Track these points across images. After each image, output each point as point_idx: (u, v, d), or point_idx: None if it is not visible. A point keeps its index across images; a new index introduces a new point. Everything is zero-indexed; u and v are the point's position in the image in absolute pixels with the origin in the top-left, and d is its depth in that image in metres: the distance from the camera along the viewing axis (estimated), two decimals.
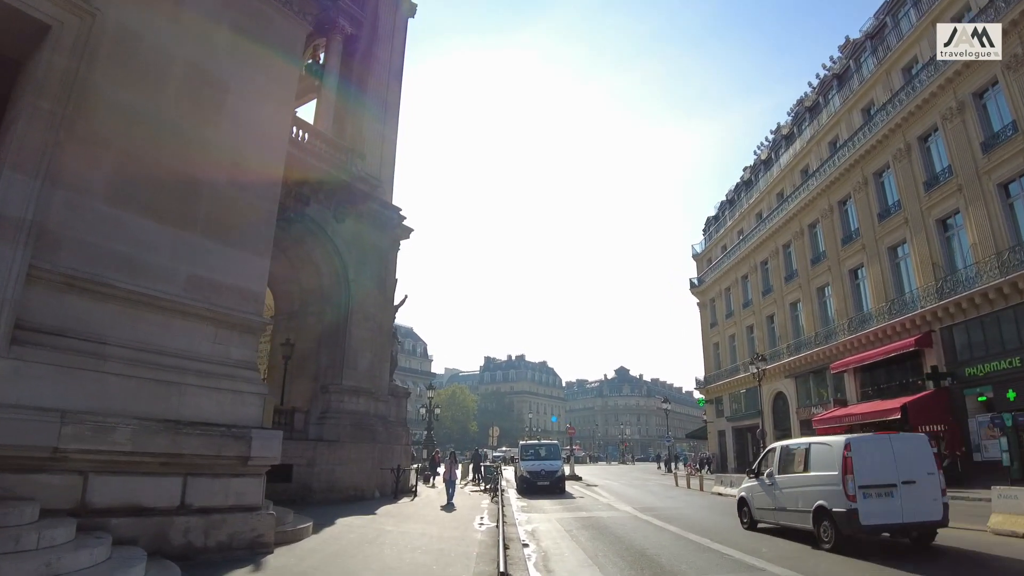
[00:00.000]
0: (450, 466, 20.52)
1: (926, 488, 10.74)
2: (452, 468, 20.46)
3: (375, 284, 21.24)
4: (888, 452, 11.05)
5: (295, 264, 20.58)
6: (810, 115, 41.23)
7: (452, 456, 21.58)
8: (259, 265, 10.14)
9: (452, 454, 22.10)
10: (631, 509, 18.26)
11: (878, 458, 10.96)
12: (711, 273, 53.22)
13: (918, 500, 10.58)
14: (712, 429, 52.31)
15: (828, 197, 36.26)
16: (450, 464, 20.62)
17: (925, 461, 11.15)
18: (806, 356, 36.94)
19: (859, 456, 10.83)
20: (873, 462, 10.86)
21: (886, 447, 11.22)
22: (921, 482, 10.76)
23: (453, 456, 21.69)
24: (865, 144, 32.39)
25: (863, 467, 10.70)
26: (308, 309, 20.75)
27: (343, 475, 18.57)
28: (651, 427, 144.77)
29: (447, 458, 21.55)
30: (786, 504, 12.61)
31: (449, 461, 20.81)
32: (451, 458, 21.19)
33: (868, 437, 12.24)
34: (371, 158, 21.70)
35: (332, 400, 19.40)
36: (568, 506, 19.47)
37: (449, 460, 20.94)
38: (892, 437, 11.97)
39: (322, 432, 18.77)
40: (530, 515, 16.65)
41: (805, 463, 12.35)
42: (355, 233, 20.65)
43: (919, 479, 10.77)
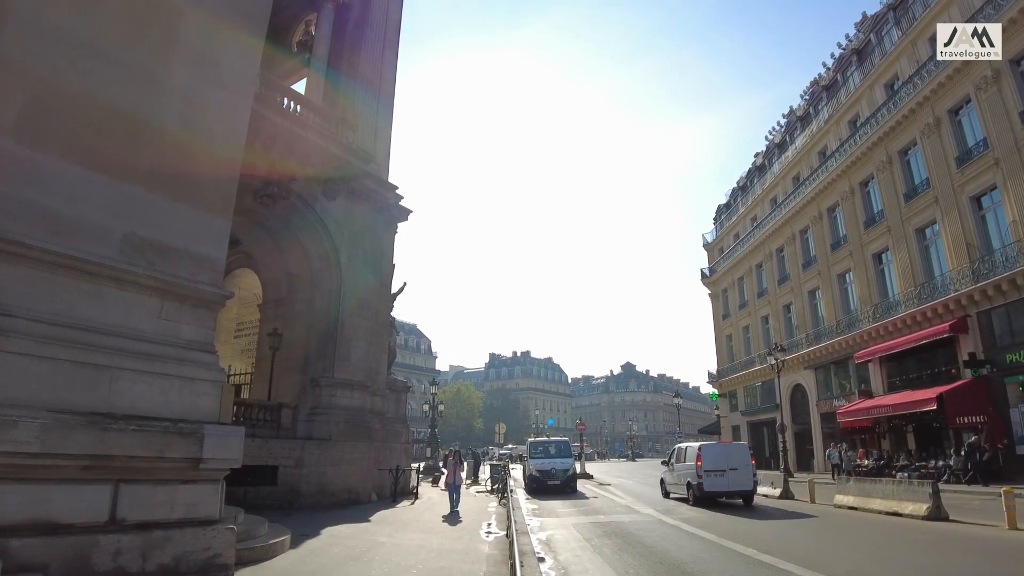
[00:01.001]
0: (454, 468, 17.27)
1: (744, 472, 18.02)
2: (456, 470, 17.22)
3: (370, 269, 19.50)
4: (722, 452, 19.03)
5: (282, 246, 18.89)
6: (827, 94, 39.34)
7: (456, 455, 18.55)
8: (218, 226, 8.37)
9: (456, 452, 19.35)
10: (653, 512, 16.52)
11: (716, 455, 18.48)
12: (723, 263, 51.41)
13: (739, 479, 17.86)
14: (725, 424, 50.54)
15: (849, 178, 34.49)
16: (454, 465, 17.43)
17: (745, 458, 18.67)
18: (827, 346, 35.20)
19: (705, 454, 18.31)
20: (713, 457, 18.28)
21: (721, 449, 19.67)
22: (741, 469, 18.05)
23: (457, 455, 18.64)
24: (889, 120, 30.57)
25: (707, 460, 18.06)
26: (297, 296, 19.02)
27: (335, 477, 16.88)
28: (658, 423, 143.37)
29: (450, 458, 18.39)
30: (678, 481, 19.98)
31: (453, 462, 17.70)
32: (455, 458, 18.23)
33: (712, 444, 21.80)
34: (364, 132, 19.98)
35: (323, 394, 17.68)
36: (583, 508, 17.72)
37: (453, 461, 17.87)
38: (726, 445, 23.19)
39: (312, 430, 17.09)
40: (542, 520, 14.90)
41: (683, 458, 19.79)
42: (347, 212, 18.94)
43: (740, 467, 18.09)
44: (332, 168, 18.13)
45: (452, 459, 18.06)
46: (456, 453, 18.45)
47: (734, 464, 18.07)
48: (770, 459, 43.47)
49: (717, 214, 55.94)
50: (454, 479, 16.89)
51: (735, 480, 17.74)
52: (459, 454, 18.90)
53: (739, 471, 17.90)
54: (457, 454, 18.52)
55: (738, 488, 17.85)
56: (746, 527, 13.43)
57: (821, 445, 36.46)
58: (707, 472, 17.68)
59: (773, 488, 20.86)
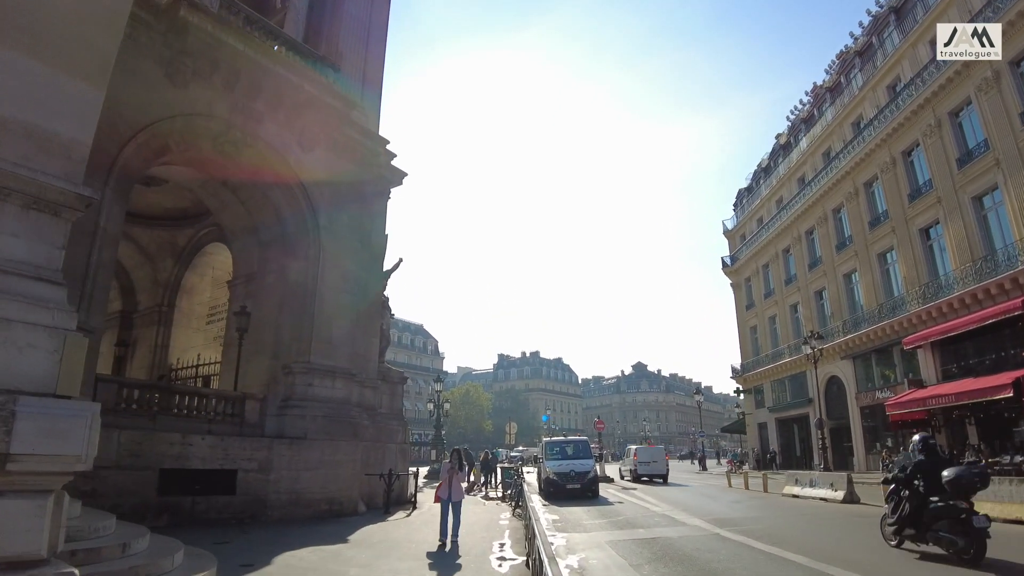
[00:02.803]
0: (450, 476, 11.05)
1: (662, 464, 31.83)
2: (455, 479, 11.12)
3: (355, 236, 16.55)
4: (649, 451, 33.62)
5: (250, 207, 15.97)
6: (860, 60, 36.19)
7: (457, 455, 11.86)
8: (83, 97, 5.46)
9: (457, 452, 12.45)
10: (701, 522, 13.42)
11: (646, 454, 32.80)
12: (746, 249, 48.18)
13: (658, 467, 31.42)
14: (751, 422, 47.35)
15: (889, 148, 31.31)
16: (451, 472, 11.15)
17: (661, 455, 33.26)
18: (867, 333, 31.99)
19: (639, 453, 32.67)
20: (644, 455, 32.44)
21: (648, 450, 34.14)
22: (660, 461, 31.84)
23: (459, 455, 11.90)
24: (938, 79, 27.37)
25: (641, 456, 32.17)
26: (268, 266, 16.07)
27: (312, 483, 13.94)
28: (671, 423, 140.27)
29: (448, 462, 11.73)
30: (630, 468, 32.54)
31: (450, 467, 11.28)
32: (454, 458, 11.67)
33: (643, 447, 35.89)
34: (350, 76, 17.10)
35: (297, 383, 14.74)
36: (613, 519, 14.64)
37: (450, 466, 11.34)
38: (651, 448, 35.98)
39: (283, 426, 14.15)
40: (568, 536, 11.82)
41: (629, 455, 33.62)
42: (327, 167, 16.02)
43: (659, 460, 31.96)
44: (308, 112, 15.21)
45: (451, 463, 11.39)
46: (458, 454, 11.87)
47: (656, 458, 32.49)
48: (801, 458, 40.32)
49: (738, 199, 52.75)
50: (449, 491, 10.80)
51: (656, 468, 31.62)
52: (462, 455, 12.01)
53: (659, 463, 32.06)
54: (459, 455, 11.80)
55: (658, 472, 31.35)
56: (833, 546, 10.32)
57: (862, 442, 33.29)
58: (641, 463, 31.71)
59: (834, 491, 17.76)
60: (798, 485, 20.10)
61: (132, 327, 21.56)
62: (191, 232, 20.50)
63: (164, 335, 20.39)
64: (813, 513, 14.96)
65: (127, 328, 21.70)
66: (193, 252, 20.52)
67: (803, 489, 19.54)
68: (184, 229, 20.62)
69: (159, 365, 20.04)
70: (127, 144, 12.19)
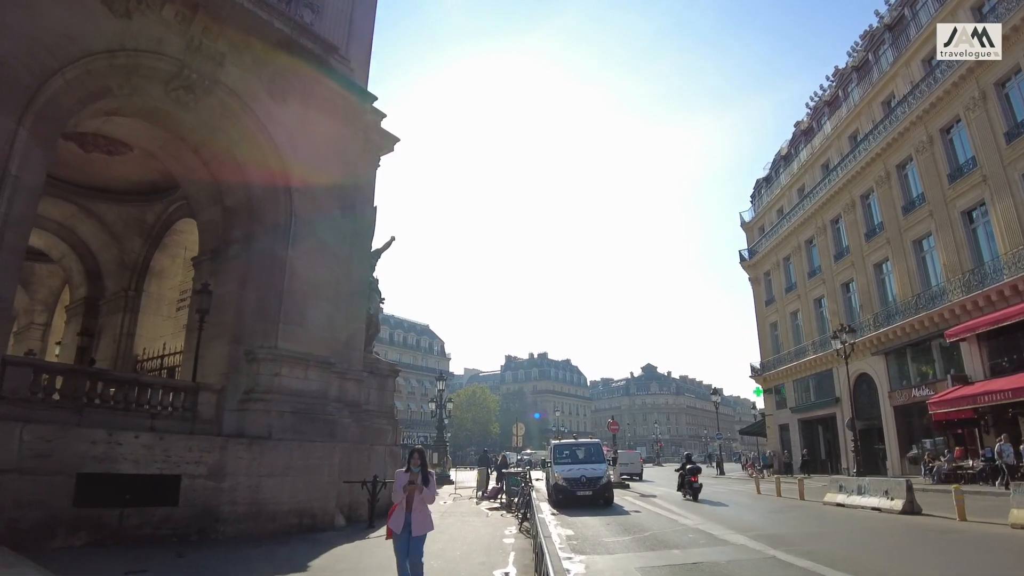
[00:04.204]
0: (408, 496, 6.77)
1: (637, 465, 39.49)
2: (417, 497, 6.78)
3: (336, 203, 14.35)
4: (627, 454, 40.66)
5: (212, 167, 13.77)
6: (891, 35, 33.80)
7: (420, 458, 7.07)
8: None
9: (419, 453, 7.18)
10: (747, 540, 11.06)
11: (624, 456, 38.55)
12: (765, 242, 45.76)
13: (633, 467, 38.11)
14: (771, 423, 44.88)
15: (925, 125, 28.97)
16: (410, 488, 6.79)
17: (636, 457, 41.57)
18: (902, 326, 29.61)
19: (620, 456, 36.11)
20: (623, 457, 37.27)
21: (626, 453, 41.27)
22: (635, 463, 39.49)
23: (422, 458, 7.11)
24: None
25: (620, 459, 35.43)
26: (232, 235, 13.84)
27: (278, 492, 11.69)
28: (681, 426, 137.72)
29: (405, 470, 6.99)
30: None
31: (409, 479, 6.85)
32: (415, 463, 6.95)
33: (623, 451, 41.73)
34: (332, 19, 14.90)
35: (261, 373, 12.47)
36: (638, 535, 12.29)
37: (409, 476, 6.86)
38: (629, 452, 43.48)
39: (243, 423, 11.93)
40: (588, 559, 9.46)
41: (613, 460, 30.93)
42: (302, 120, 13.87)
43: (635, 462, 39.59)
44: (280, 57, 13.06)
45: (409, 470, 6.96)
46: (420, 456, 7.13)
47: (631, 461, 38.48)
48: (827, 461, 37.87)
49: (755, 189, 50.26)
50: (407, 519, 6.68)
51: (631, 468, 36.78)
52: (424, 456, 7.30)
53: (634, 464, 38.24)
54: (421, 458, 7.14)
55: (633, 472, 37.00)
56: None
57: (895, 444, 30.84)
58: (621, 463, 34.07)
59: (890, 499, 15.35)
60: (843, 492, 17.68)
61: (98, 315, 19.47)
62: (160, 208, 18.41)
63: (130, 323, 18.27)
64: (875, 527, 12.56)
65: (92, 316, 19.60)
66: (163, 230, 18.40)
67: (849, 497, 17.12)
68: (153, 205, 18.54)
69: (124, 356, 17.95)
70: (52, 77, 10.11)
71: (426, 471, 6.95)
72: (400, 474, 6.96)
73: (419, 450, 7.15)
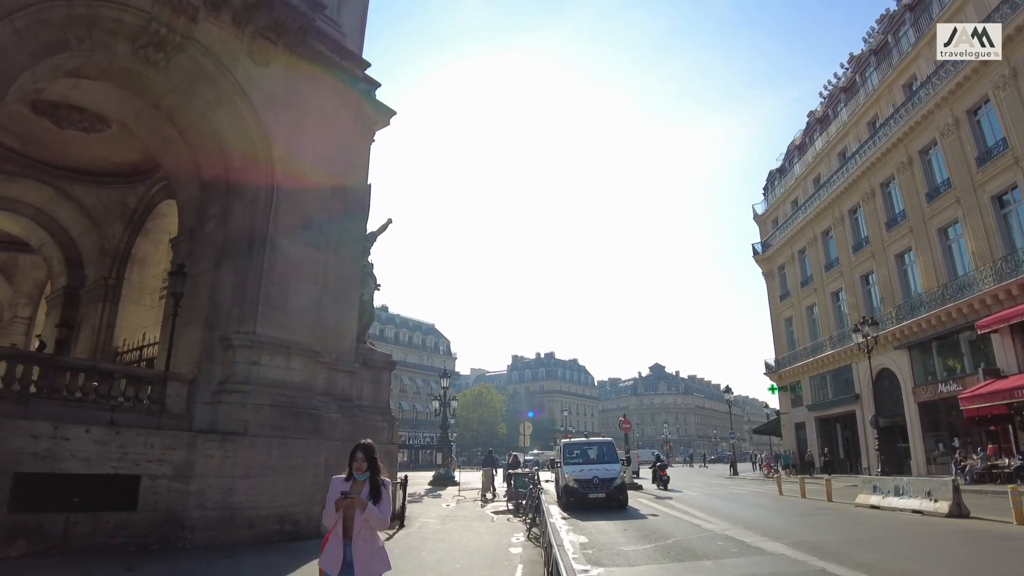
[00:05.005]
0: (343, 517, 4.41)
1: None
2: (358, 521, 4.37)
3: (323, 175, 13.08)
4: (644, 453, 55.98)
5: (188, 136, 12.57)
6: (912, 15, 32.35)
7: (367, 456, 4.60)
8: None
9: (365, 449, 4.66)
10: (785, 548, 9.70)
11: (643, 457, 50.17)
12: (779, 235, 44.32)
13: None
14: (787, 421, 43.42)
15: (951, 107, 27.59)
16: (348, 502, 4.38)
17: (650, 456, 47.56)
18: (927, 318, 28.15)
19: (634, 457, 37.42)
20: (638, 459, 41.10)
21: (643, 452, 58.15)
22: None
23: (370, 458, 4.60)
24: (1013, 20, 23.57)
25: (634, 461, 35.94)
26: (208, 210, 12.62)
27: (255, 495, 10.43)
28: (689, 426, 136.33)
29: (344, 477, 4.62)
30: None
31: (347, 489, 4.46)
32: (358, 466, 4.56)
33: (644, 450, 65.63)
34: None
35: (237, 361, 11.22)
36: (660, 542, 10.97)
37: (347, 486, 4.49)
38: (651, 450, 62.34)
39: (216, 417, 10.71)
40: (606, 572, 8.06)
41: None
42: (286, 86, 12.66)
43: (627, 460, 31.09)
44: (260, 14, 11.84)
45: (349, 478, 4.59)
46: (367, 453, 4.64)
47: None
48: (846, 461, 36.40)
49: (768, 181, 48.80)
50: (344, 551, 4.36)
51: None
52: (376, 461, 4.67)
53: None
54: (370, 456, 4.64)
55: None
56: None
57: (920, 442, 29.43)
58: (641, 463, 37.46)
59: (932, 501, 14.00)
60: (877, 493, 16.30)
61: (79, 305, 18.31)
62: (143, 191, 17.24)
63: (110, 313, 17.09)
64: (925, 533, 11.19)
65: (73, 306, 18.44)
66: (145, 214, 17.22)
67: (884, 498, 15.76)
68: (135, 187, 17.37)
69: (103, 348, 16.78)
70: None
71: (377, 479, 4.46)
72: (336, 482, 4.48)
73: (365, 446, 4.63)
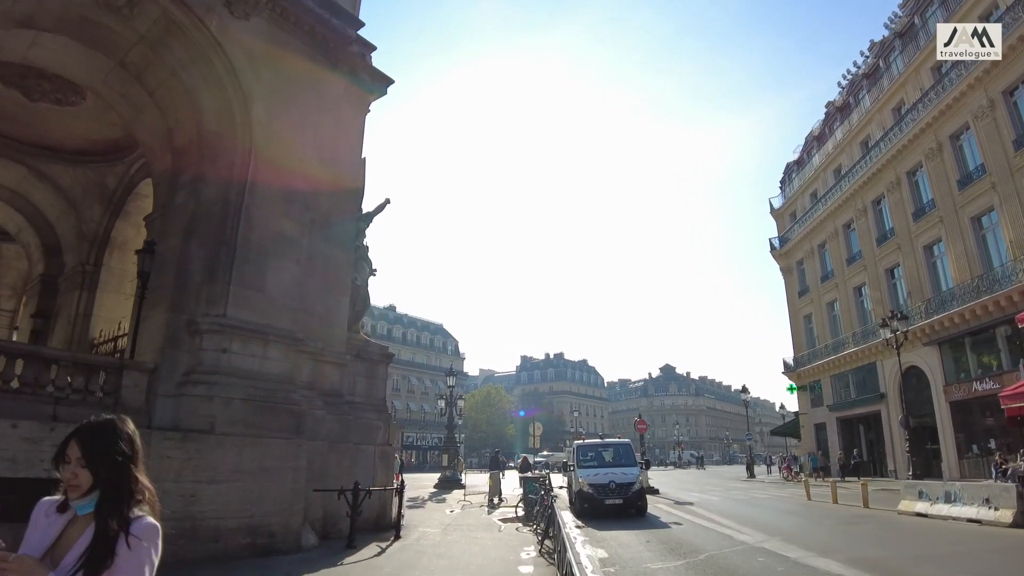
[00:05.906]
0: None
1: None
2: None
3: (309, 143, 11.75)
4: None
5: (159, 98, 11.28)
6: None
7: (69, 454, 1.94)
8: None
9: (76, 438, 1.97)
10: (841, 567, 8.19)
11: None
12: (797, 228, 42.70)
13: None
14: (806, 422, 41.74)
15: (985, 88, 26.01)
16: None
17: None
18: (960, 313, 26.54)
19: None
20: None
21: None
22: None
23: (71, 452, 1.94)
24: None
25: None
26: (179, 180, 11.26)
27: (222, 504, 9.04)
28: (701, 428, 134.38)
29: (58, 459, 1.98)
30: None
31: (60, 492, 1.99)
32: (63, 455, 1.95)
33: None
34: None
35: (205, 348, 9.87)
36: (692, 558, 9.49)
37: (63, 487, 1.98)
38: None
39: (179, 412, 9.40)
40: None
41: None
42: (268, 43, 11.38)
43: None
44: None
45: (65, 494, 1.98)
46: (83, 439, 1.95)
47: None
48: (871, 463, 34.71)
49: (786, 174, 47.19)
50: None
51: None
52: (101, 446, 1.95)
53: None
54: (84, 443, 1.94)
55: None
56: None
57: (952, 444, 27.77)
58: None
59: (991, 509, 12.49)
60: (923, 500, 14.77)
61: (56, 294, 17.09)
62: (122, 170, 15.99)
63: (87, 301, 15.82)
64: (999, 547, 9.70)
65: (50, 295, 17.23)
66: (125, 195, 15.96)
67: (933, 505, 14.24)
68: (115, 167, 16.13)
69: (79, 338, 15.53)
70: None
71: (109, 522, 1.89)
72: (37, 517, 2.01)
73: (88, 430, 2.01)
